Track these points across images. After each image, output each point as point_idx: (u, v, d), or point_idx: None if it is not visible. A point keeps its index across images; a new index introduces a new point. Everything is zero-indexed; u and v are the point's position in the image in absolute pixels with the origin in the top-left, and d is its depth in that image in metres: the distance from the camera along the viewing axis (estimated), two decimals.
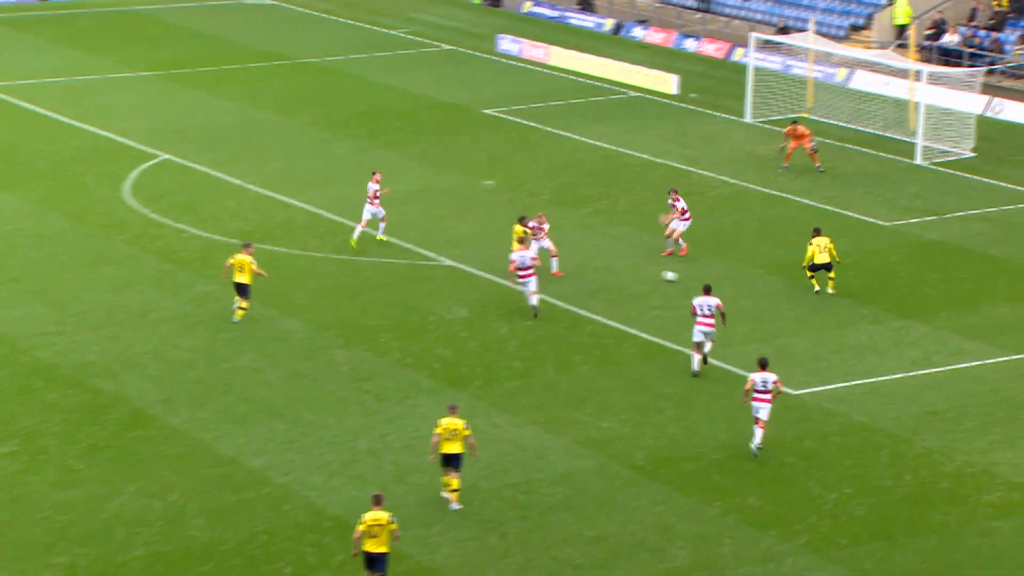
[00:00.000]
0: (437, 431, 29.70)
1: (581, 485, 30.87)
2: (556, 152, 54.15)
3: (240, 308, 38.36)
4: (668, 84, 62.22)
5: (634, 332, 38.33)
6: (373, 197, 43.73)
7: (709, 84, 63.39)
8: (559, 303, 40.04)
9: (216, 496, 30.32)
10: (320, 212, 46.83)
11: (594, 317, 39.28)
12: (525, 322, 38.78)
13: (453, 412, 29.89)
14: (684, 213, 42.97)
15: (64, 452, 31.95)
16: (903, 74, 57.72)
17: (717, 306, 34.82)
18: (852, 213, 47.55)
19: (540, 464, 31.69)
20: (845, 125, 52.94)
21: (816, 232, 40.78)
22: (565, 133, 56.31)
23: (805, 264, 40.70)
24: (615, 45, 70.07)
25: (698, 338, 35.41)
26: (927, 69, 54.85)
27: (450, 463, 29.73)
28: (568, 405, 34.38)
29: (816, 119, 57.60)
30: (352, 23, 75.36)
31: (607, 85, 63.27)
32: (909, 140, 54.13)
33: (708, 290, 35.37)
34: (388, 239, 43.99)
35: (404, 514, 28.83)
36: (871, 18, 68.44)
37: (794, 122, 52.00)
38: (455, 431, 29.63)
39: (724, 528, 29.45)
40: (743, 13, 72.35)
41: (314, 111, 59.31)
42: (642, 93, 62.05)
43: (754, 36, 59.17)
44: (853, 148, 54.47)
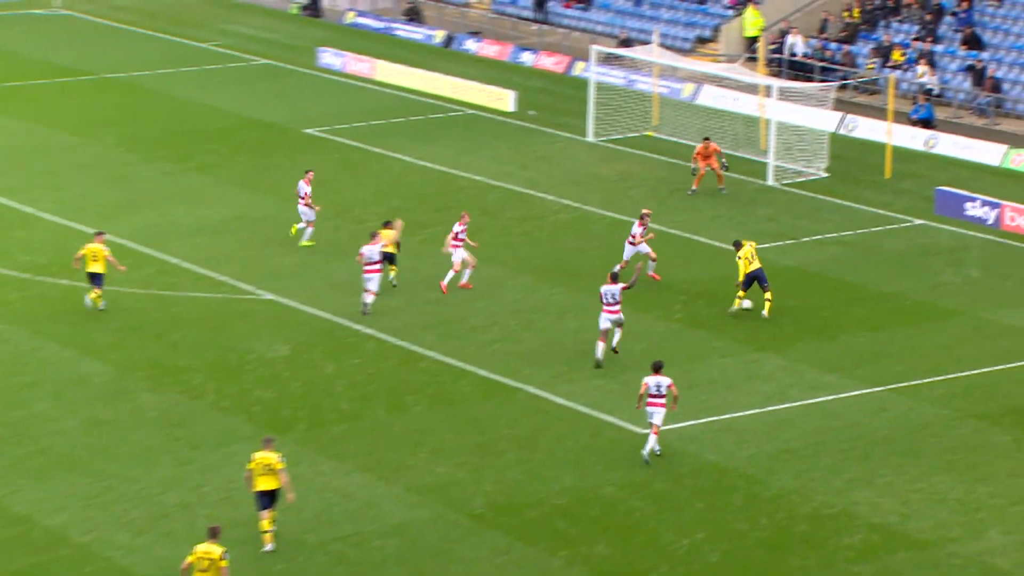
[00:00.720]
0: (250, 466, 29.71)
1: (416, 536, 30.77)
2: (383, 175, 54.08)
3: (95, 295, 39.55)
4: (504, 101, 62.55)
5: (471, 369, 38.35)
6: (304, 197, 45.50)
7: (548, 100, 63.83)
8: (389, 338, 39.92)
9: (7, 560, 29.64)
10: (123, 242, 46.17)
11: (428, 353, 39.23)
12: (353, 360, 38.60)
13: (268, 446, 29.88)
14: (632, 237, 43.76)
15: None
16: (753, 89, 58.65)
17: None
18: (701, 238, 48.12)
19: (371, 514, 31.54)
20: (693, 144, 53.58)
21: (737, 245, 41.73)
22: (393, 154, 56.26)
23: (739, 281, 41.31)
24: (446, 59, 70.27)
25: (604, 325, 37.63)
26: (777, 84, 55.73)
27: (264, 501, 29.59)
28: (400, 449, 34.27)
29: (662, 137, 58.26)
30: (156, 35, 74.66)
31: (438, 102, 63.39)
32: (760, 159, 55.00)
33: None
34: (309, 244, 45.78)
35: None
36: (718, 30, 69.37)
37: (705, 139, 52.46)
38: (269, 466, 29.52)
39: None
40: (583, 24, 72.99)
41: (116, 132, 58.57)
42: (476, 110, 62.28)
43: (595, 49, 59.72)
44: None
